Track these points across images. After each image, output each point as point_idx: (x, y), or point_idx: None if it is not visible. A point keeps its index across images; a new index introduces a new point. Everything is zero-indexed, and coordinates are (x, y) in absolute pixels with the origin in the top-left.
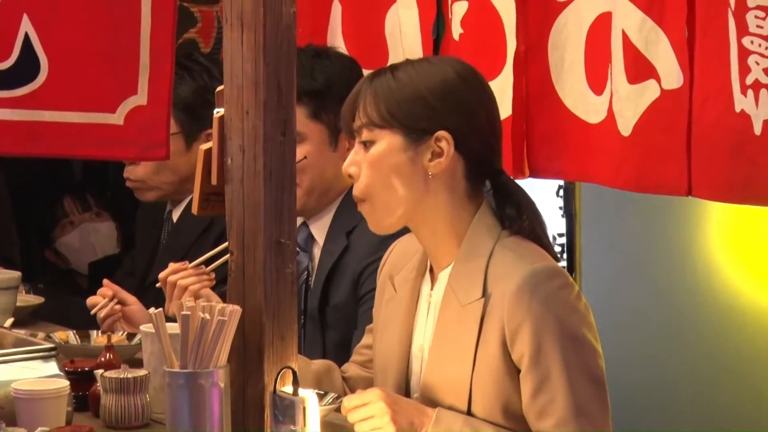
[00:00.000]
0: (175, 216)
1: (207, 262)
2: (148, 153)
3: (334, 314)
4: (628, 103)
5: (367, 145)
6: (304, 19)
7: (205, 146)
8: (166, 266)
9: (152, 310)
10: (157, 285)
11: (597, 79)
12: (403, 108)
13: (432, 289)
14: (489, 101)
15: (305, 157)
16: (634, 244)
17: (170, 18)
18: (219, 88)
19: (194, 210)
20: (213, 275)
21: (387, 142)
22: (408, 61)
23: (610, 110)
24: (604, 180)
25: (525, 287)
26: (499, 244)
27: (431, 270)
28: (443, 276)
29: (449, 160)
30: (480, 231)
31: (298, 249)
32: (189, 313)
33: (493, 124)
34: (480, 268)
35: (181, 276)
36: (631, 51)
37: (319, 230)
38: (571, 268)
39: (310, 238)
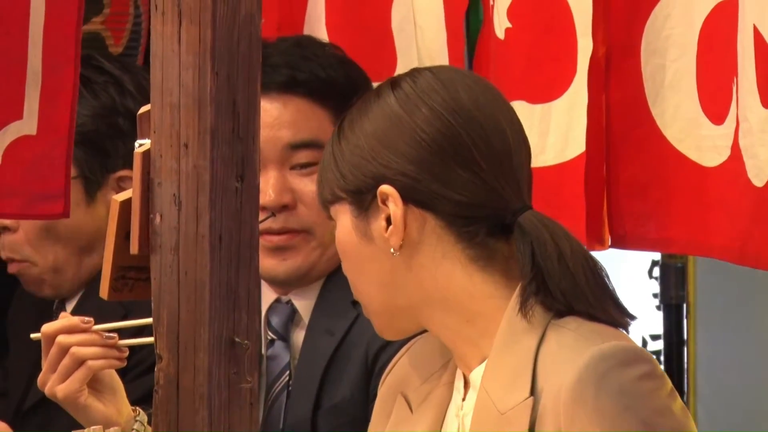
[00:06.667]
0: (70, 306)
1: (121, 335)
2: (38, 207)
3: (333, 421)
4: (763, 138)
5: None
6: (268, 7)
7: (120, 196)
8: None
9: None
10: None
11: (715, 101)
12: (343, 168)
13: (464, 398)
14: (445, 112)
15: None
16: None
17: (74, 2)
18: (143, 110)
19: (103, 292)
20: (126, 351)
21: (339, 222)
22: (366, 97)
23: (735, 147)
24: (727, 254)
25: (588, 376)
26: (555, 323)
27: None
28: (476, 378)
29: (405, 222)
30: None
31: (273, 337)
32: None
33: (465, 143)
34: (526, 360)
35: (78, 340)
36: (767, 58)
37: (307, 307)
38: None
39: (291, 320)
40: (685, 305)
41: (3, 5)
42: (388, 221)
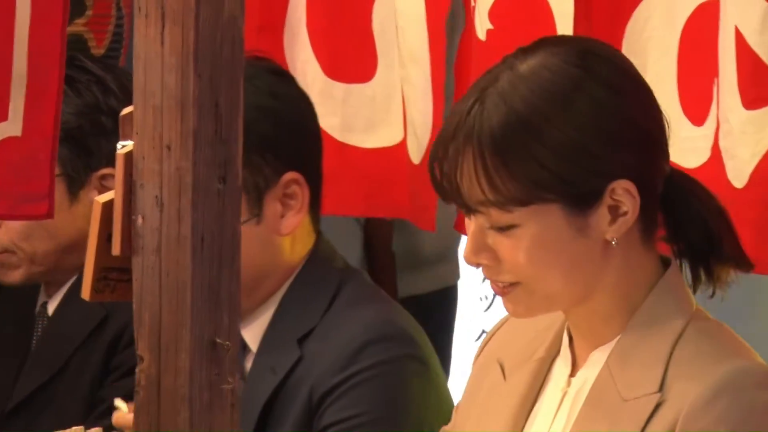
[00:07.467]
0: (52, 307)
1: None
2: (23, 208)
3: None
4: (744, 139)
5: (503, 229)
6: (249, 9)
7: (103, 197)
8: (36, 384)
9: None
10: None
11: (696, 102)
12: (557, 170)
13: (573, 374)
14: (647, 95)
15: None
16: None
17: (59, 5)
18: (125, 111)
19: (85, 294)
20: None
21: (540, 222)
22: (505, 67)
23: (715, 148)
24: None
25: (725, 386)
26: (695, 324)
27: (570, 343)
28: (598, 356)
29: (636, 214)
30: (665, 300)
31: None
32: None
33: (659, 117)
34: (661, 352)
35: None
36: (748, 59)
37: (256, 337)
38: None
39: (243, 348)
40: None
41: None
42: (614, 214)
